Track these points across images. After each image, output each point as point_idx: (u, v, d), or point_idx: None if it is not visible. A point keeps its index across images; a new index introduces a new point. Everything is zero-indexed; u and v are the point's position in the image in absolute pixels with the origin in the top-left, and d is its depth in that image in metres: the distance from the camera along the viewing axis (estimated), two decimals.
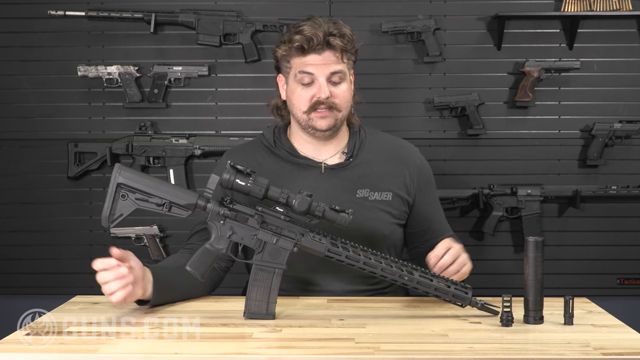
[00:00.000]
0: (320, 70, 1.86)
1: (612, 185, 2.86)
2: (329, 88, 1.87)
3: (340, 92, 1.89)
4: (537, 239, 1.56)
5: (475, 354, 1.36)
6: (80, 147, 2.89)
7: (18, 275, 2.94)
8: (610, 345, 1.41)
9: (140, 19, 2.83)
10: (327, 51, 1.87)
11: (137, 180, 1.58)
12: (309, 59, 1.87)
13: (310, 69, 1.87)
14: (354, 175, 1.93)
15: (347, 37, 1.88)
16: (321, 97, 1.86)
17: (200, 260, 1.63)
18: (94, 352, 1.37)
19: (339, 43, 1.86)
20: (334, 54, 1.87)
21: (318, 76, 1.87)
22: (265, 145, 1.98)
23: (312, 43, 1.85)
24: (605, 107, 2.90)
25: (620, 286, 2.93)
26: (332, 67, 1.87)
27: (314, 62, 1.87)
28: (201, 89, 2.91)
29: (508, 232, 2.94)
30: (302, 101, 1.89)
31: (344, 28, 1.89)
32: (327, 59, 1.87)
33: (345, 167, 1.93)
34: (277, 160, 1.95)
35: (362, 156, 1.96)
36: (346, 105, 1.92)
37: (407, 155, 2.01)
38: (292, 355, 1.37)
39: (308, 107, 1.88)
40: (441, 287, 1.64)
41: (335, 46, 1.86)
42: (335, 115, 1.89)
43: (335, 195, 1.87)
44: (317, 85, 1.87)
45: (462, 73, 2.90)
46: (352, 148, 1.96)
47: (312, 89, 1.88)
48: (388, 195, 1.93)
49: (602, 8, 2.81)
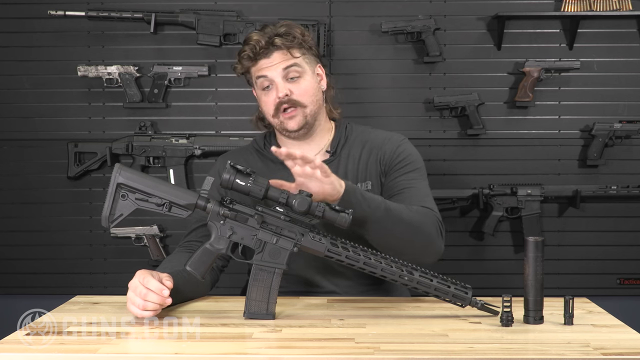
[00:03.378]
0: (272, 71, 1.91)
1: (612, 185, 2.86)
2: (287, 86, 1.90)
3: (301, 88, 1.92)
4: (537, 239, 1.56)
5: (475, 354, 1.36)
6: (80, 147, 2.89)
7: (18, 275, 2.94)
8: (610, 345, 1.41)
9: (140, 19, 2.83)
10: (275, 52, 1.91)
11: (137, 180, 1.58)
12: (261, 63, 1.92)
13: (263, 72, 1.92)
14: (338, 171, 1.93)
15: (292, 34, 1.91)
16: (280, 97, 1.89)
17: (200, 261, 1.63)
18: (94, 352, 1.37)
19: (281, 41, 1.90)
20: (282, 53, 1.91)
21: (273, 78, 1.91)
22: (256, 148, 2.03)
23: (256, 49, 1.90)
24: (605, 107, 2.90)
25: (620, 286, 2.93)
26: (283, 64, 1.90)
27: (265, 65, 1.91)
28: (201, 89, 2.91)
29: (508, 232, 2.94)
30: (267, 106, 1.94)
31: (292, 29, 1.93)
32: (276, 59, 1.91)
33: (330, 164, 1.93)
34: (267, 162, 1.98)
35: (345, 151, 1.98)
36: (311, 100, 1.93)
37: (385, 143, 1.98)
38: (292, 355, 1.37)
39: (274, 110, 1.92)
40: (441, 287, 1.63)
41: (280, 45, 1.90)
42: (302, 112, 1.92)
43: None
44: (275, 87, 1.91)
45: (462, 73, 2.90)
46: (336, 144, 1.98)
47: (272, 92, 1.92)
48: (368, 185, 1.94)
49: (602, 8, 2.81)
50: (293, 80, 1.92)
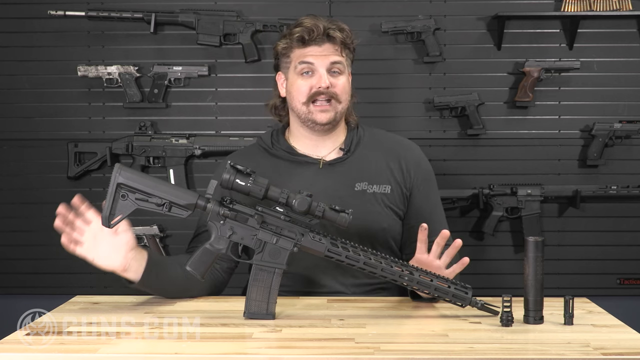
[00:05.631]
0: (320, 61, 1.90)
1: (612, 185, 2.86)
2: (329, 78, 1.90)
3: (340, 83, 1.92)
4: (537, 239, 1.56)
5: (475, 354, 1.36)
6: (80, 147, 2.89)
7: (18, 275, 2.94)
8: (610, 345, 1.41)
9: (140, 19, 2.83)
10: (327, 43, 1.91)
11: (137, 180, 1.58)
12: (309, 50, 1.90)
13: (310, 59, 1.90)
14: (352, 169, 1.94)
15: (346, 31, 1.93)
16: (321, 87, 1.89)
17: (200, 260, 1.63)
18: (94, 352, 1.37)
19: (339, 35, 1.91)
20: (334, 46, 1.91)
21: (318, 66, 1.90)
22: (262, 147, 2.00)
23: (312, 34, 1.89)
24: (605, 107, 2.90)
25: (620, 286, 2.93)
26: (332, 58, 1.91)
27: (314, 52, 1.90)
28: (201, 89, 2.91)
29: (508, 232, 2.94)
30: (301, 92, 1.91)
31: (342, 25, 1.95)
32: (327, 50, 1.91)
33: (343, 162, 1.95)
34: (275, 160, 1.97)
35: (359, 151, 1.98)
36: (345, 97, 1.94)
37: (405, 150, 2.02)
38: (292, 355, 1.37)
39: (307, 97, 1.90)
40: (441, 287, 1.64)
41: (335, 38, 1.91)
42: (335, 108, 1.91)
43: (333, 190, 1.89)
44: (317, 75, 1.90)
45: (462, 73, 2.90)
46: (350, 143, 1.97)
47: (311, 79, 1.90)
48: (387, 188, 1.94)
49: (602, 8, 2.81)
50: (335, 74, 1.92)
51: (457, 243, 1.73)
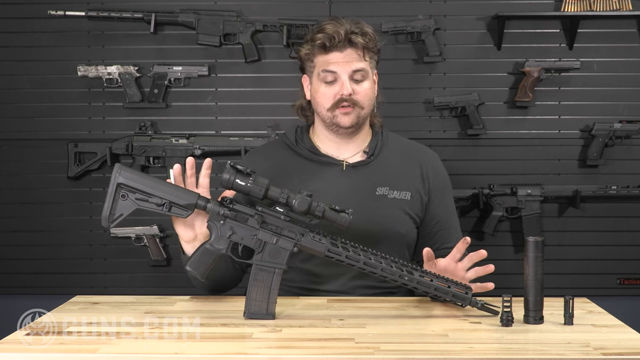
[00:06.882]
0: (342, 68, 1.89)
1: (612, 185, 2.86)
2: (352, 85, 1.90)
3: (362, 90, 1.92)
4: (537, 239, 1.56)
5: (475, 354, 1.36)
6: (80, 147, 2.89)
7: (18, 275, 2.94)
8: (610, 345, 1.41)
9: (140, 19, 2.83)
10: (349, 49, 1.90)
11: (137, 180, 1.59)
12: (331, 56, 1.90)
13: (332, 67, 1.90)
14: (375, 173, 1.95)
15: (368, 35, 1.92)
16: (344, 94, 1.89)
17: (200, 260, 1.63)
18: (94, 352, 1.37)
19: (361, 41, 1.89)
20: (356, 52, 1.90)
21: (340, 74, 1.89)
22: (287, 144, 2.00)
23: (334, 41, 1.88)
24: (605, 107, 2.90)
25: (620, 286, 2.93)
26: (354, 65, 1.90)
27: (336, 59, 1.89)
28: (201, 89, 2.91)
29: (508, 232, 2.95)
30: (325, 99, 1.91)
31: (365, 27, 1.93)
32: (349, 57, 1.90)
33: (367, 165, 1.95)
34: (298, 158, 1.97)
35: (382, 155, 1.98)
36: (368, 103, 1.94)
37: (425, 158, 2.03)
38: (292, 355, 1.37)
39: (331, 104, 1.90)
40: (441, 287, 1.64)
41: (357, 44, 1.89)
42: (357, 113, 1.92)
43: (355, 192, 1.90)
44: (340, 83, 1.90)
45: (462, 73, 2.90)
46: (374, 147, 1.98)
47: (335, 86, 1.90)
48: (407, 195, 1.95)
49: (602, 8, 2.81)
50: (357, 81, 1.91)
51: (482, 253, 1.76)
